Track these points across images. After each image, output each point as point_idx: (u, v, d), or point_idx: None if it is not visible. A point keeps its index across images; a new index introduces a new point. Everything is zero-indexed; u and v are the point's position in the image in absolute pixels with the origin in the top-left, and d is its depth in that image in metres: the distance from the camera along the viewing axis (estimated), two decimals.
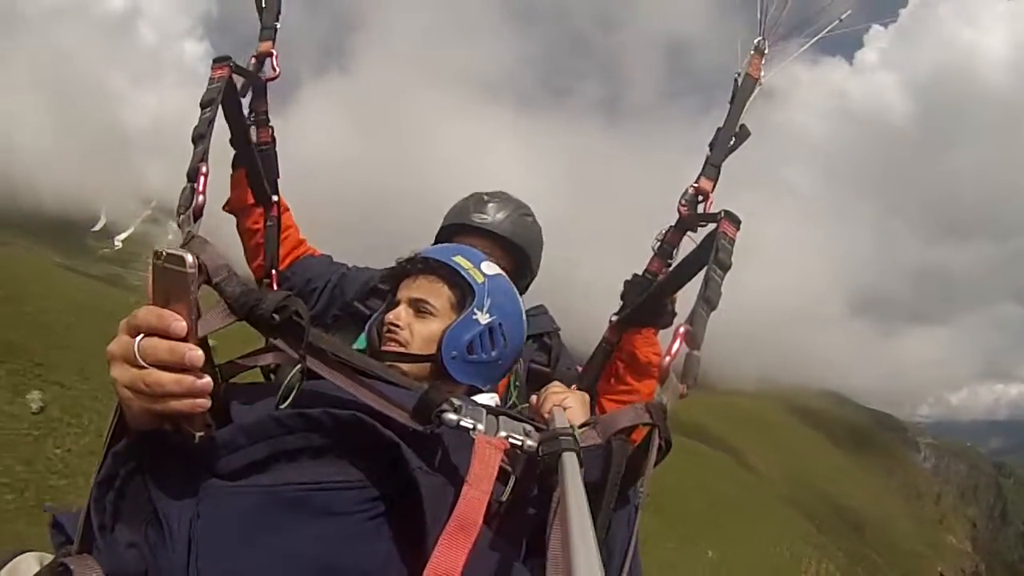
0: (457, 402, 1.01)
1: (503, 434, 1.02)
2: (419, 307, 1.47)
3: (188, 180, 1.24)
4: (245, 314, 0.98)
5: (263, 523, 0.87)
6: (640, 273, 1.98)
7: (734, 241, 1.34)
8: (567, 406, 1.37)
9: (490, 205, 2.17)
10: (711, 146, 1.89)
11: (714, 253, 1.27)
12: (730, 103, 1.91)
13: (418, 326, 1.45)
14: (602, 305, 2.06)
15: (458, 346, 1.42)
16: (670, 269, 1.90)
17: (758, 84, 1.92)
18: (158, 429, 0.90)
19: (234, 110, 1.73)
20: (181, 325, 0.85)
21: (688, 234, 1.86)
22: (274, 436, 0.93)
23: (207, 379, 0.87)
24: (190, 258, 0.85)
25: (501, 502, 0.96)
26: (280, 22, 1.92)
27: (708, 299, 1.17)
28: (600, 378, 2.00)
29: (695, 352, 1.09)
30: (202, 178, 1.24)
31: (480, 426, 1.01)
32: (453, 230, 2.18)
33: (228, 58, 1.62)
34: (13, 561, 0.95)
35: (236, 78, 1.66)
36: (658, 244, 1.94)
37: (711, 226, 1.42)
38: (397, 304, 1.50)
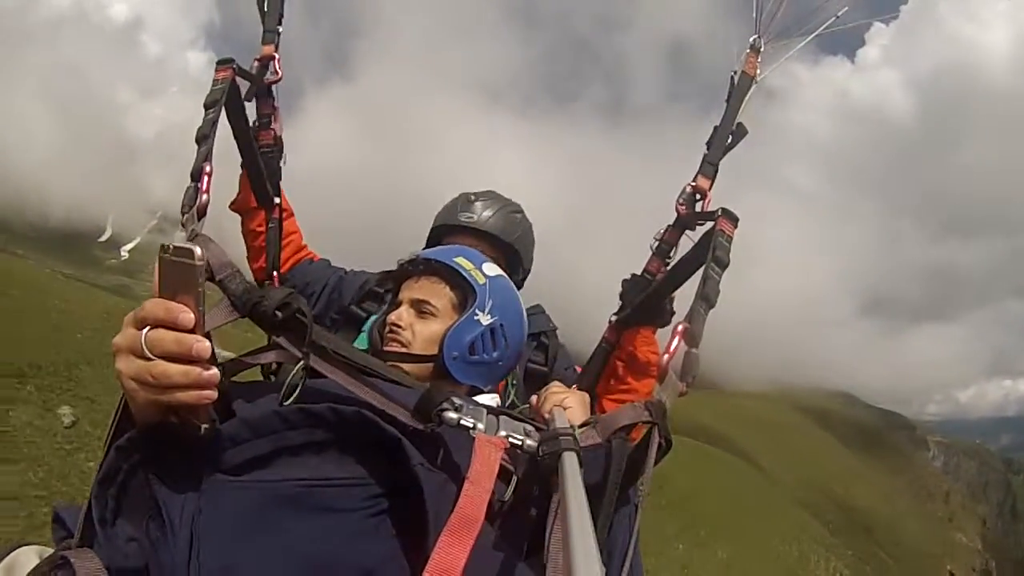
0: (458, 401, 1.01)
1: (503, 433, 1.02)
2: (421, 308, 1.47)
3: (192, 180, 1.25)
4: (248, 311, 0.99)
5: (264, 519, 0.87)
6: (639, 273, 1.98)
7: (732, 239, 1.34)
8: (567, 406, 1.37)
9: (477, 204, 2.18)
10: (708, 144, 1.89)
11: (712, 251, 1.27)
12: (727, 101, 1.91)
13: (420, 327, 1.46)
14: (603, 305, 2.06)
15: (460, 347, 1.43)
16: (668, 268, 1.90)
17: (754, 82, 1.92)
18: (162, 422, 0.89)
19: (237, 112, 1.74)
20: (189, 317, 0.85)
21: (686, 233, 1.86)
22: (277, 431, 0.93)
23: (214, 371, 0.87)
24: (198, 251, 0.85)
25: (503, 501, 0.96)
26: (283, 26, 1.94)
27: (706, 297, 1.17)
28: (600, 378, 2.00)
29: (694, 350, 1.10)
30: (206, 177, 1.26)
31: (480, 425, 1.01)
32: (442, 231, 2.20)
33: (231, 60, 1.64)
34: (12, 554, 0.94)
35: (240, 82, 1.68)
36: (656, 243, 1.94)
37: (709, 224, 1.42)
38: (399, 305, 1.51)
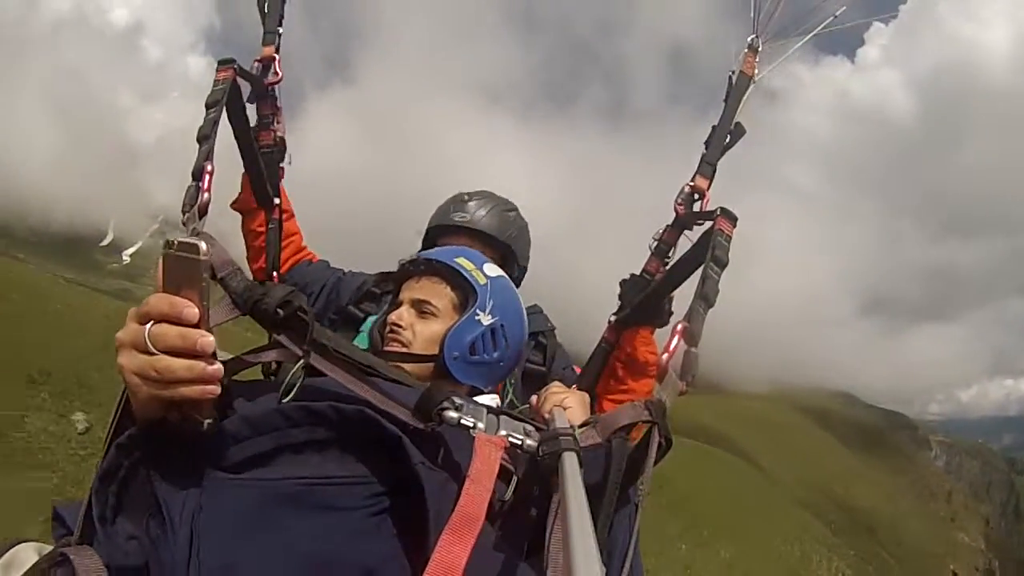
0: (458, 400, 1.01)
1: (503, 433, 1.01)
2: (421, 308, 1.47)
3: (193, 179, 1.25)
4: (249, 308, 0.99)
5: (265, 517, 0.87)
6: (637, 273, 1.98)
7: (731, 238, 1.34)
8: (567, 406, 1.37)
9: (470, 203, 2.18)
10: (707, 144, 1.90)
11: (711, 250, 1.27)
12: (725, 101, 1.92)
13: (420, 327, 1.46)
14: (603, 306, 2.06)
15: (460, 347, 1.43)
16: (667, 268, 1.90)
17: (752, 82, 1.92)
18: (164, 419, 0.89)
19: (238, 112, 1.74)
20: (193, 311, 0.85)
21: (685, 233, 1.86)
22: (279, 429, 0.93)
23: (218, 365, 0.87)
24: (203, 246, 0.85)
25: (503, 501, 0.96)
26: (283, 28, 1.94)
27: (706, 296, 1.17)
28: (600, 378, 2.00)
29: (693, 349, 1.10)
30: (207, 177, 1.27)
31: (481, 424, 1.00)
32: (437, 231, 2.20)
33: (232, 60, 1.64)
34: (11, 551, 0.94)
35: (241, 83, 1.69)
36: (655, 243, 1.94)
37: (708, 224, 1.42)
38: (400, 305, 1.51)
